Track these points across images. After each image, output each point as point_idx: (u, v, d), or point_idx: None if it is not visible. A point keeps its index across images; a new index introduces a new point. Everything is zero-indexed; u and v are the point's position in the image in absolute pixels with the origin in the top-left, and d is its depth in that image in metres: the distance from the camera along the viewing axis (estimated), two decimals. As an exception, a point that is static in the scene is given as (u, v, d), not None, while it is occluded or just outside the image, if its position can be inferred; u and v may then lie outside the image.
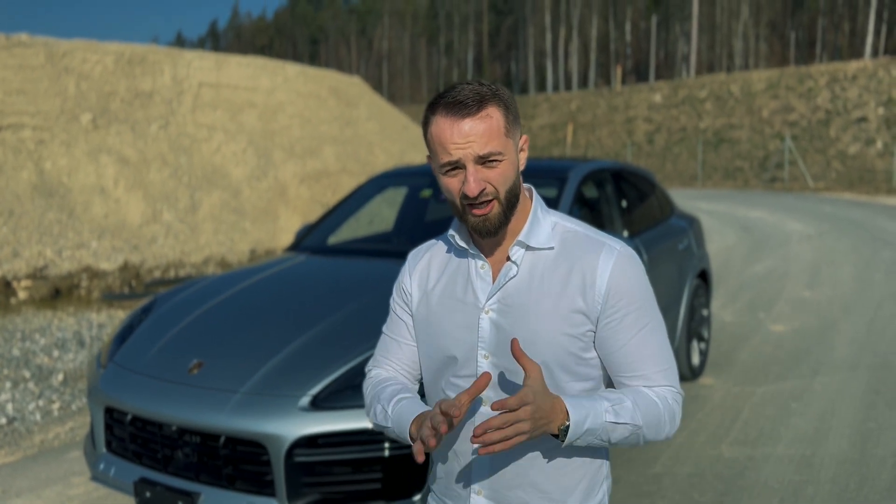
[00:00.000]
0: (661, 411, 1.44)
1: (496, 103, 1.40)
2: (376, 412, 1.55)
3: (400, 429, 1.47)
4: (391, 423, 1.50)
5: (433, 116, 1.41)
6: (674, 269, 4.96)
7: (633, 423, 1.39)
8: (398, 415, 1.48)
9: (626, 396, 1.42)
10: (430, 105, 1.42)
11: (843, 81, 35.79)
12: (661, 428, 1.44)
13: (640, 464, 3.94)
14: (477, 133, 1.36)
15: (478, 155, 1.37)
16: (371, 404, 1.59)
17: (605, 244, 1.47)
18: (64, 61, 13.37)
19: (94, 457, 3.09)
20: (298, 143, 15.39)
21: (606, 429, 1.37)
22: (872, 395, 4.92)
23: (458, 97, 1.38)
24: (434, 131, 1.40)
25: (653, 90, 44.16)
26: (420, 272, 1.61)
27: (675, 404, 1.47)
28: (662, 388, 1.47)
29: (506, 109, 1.41)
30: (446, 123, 1.38)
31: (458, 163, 1.39)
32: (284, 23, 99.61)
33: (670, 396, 1.47)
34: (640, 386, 1.46)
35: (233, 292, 3.50)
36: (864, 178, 29.42)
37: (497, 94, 1.41)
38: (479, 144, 1.37)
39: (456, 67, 77.07)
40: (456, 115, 1.37)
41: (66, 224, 10.44)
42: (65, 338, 6.98)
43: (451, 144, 1.37)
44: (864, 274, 9.32)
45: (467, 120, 1.36)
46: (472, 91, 1.39)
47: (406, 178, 4.95)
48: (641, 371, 1.45)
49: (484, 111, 1.38)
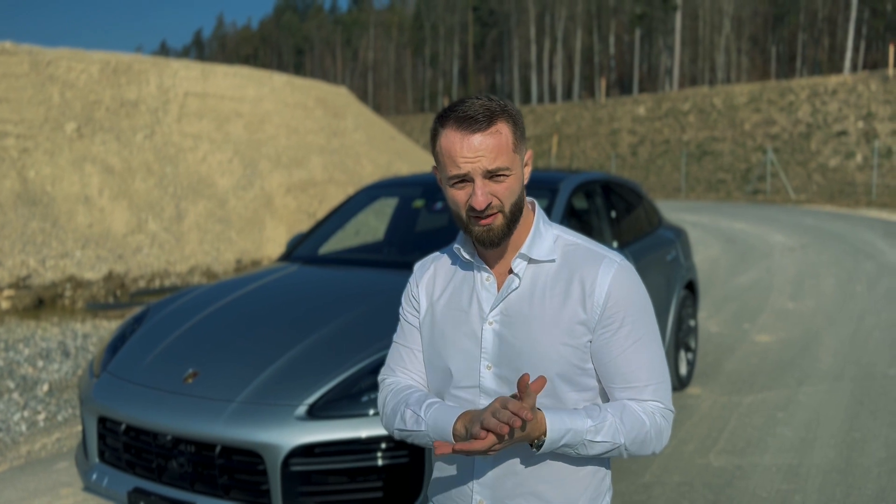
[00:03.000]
0: (648, 428, 1.45)
1: (505, 119, 1.42)
2: (405, 417, 1.51)
3: (438, 430, 1.44)
4: (425, 427, 1.47)
5: (443, 129, 1.43)
6: (662, 279, 5.02)
7: (614, 442, 1.41)
8: (434, 418, 1.46)
9: (611, 414, 1.42)
10: (440, 117, 1.44)
11: (824, 95, 36.30)
12: (646, 444, 1.46)
13: (630, 473, 3.96)
14: (487, 148, 1.39)
15: (486, 170, 1.40)
16: (395, 410, 1.55)
17: (605, 256, 1.50)
18: (48, 69, 13.30)
19: (86, 467, 3.07)
20: (285, 153, 15.37)
21: (585, 445, 1.39)
22: (856, 406, 4.98)
23: (468, 111, 1.40)
24: (444, 144, 1.42)
25: (636, 103, 44.53)
26: (427, 282, 1.63)
27: (662, 421, 1.48)
28: (651, 404, 1.47)
29: (514, 125, 1.44)
30: (456, 137, 1.40)
31: (466, 176, 1.41)
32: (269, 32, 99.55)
33: (658, 413, 1.48)
34: (630, 399, 1.47)
35: (227, 301, 3.50)
36: (844, 191, 29.80)
37: (506, 109, 1.44)
38: (488, 159, 1.39)
39: (441, 79, 77.32)
40: (466, 129, 1.39)
41: (49, 233, 10.36)
42: (49, 348, 6.91)
43: (460, 158, 1.40)
44: (846, 286, 9.45)
45: (478, 135, 1.39)
46: (483, 106, 1.41)
47: (397, 189, 4.97)
48: (633, 384, 1.47)
49: (494, 127, 1.40)
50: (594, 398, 1.51)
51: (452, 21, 76.18)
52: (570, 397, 1.48)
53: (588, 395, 1.50)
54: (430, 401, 1.51)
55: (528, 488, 1.47)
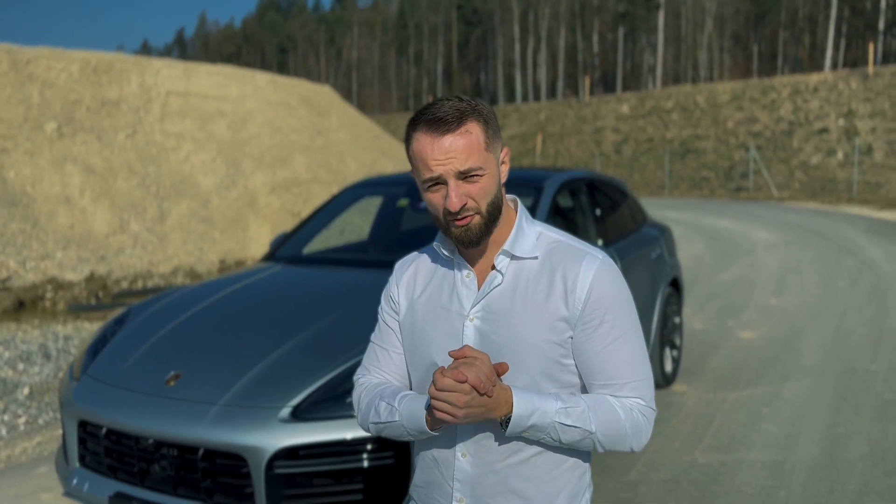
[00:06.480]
0: (623, 422, 1.44)
1: (475, 119, 1.42)
2: (379, 410, 1.52)
3: (412, 419, 1.46)
4: (399, 417, 1.48)
5: (414, 133, 1.43)
6: (647, 277, 5.03)
7: (585, 428, 1.40)
8: (407, 408, 1.47)
9: (583, 401, 1.43)
10: (412, 122, 1.45)
11: (805, 93, 36.61)
12: (622, 439, 1.44)
13: (616, 471, 3.97)
14: (457, 149, 1.39)
15: (458, 171, 1.40)
16: (370, 405, 1.56)
17: (587, 253, 1.50)
18: (28, 68, 13.13)
19: (66, 472, 3.02)
20: (268, 152, 15.28)
21: (556, 428, 1.39)
22: (840, 401, 5.02)
23: (437, 113, 1.40)
24: (416, 148, 1.43)
25: (620, 101, 44.71)
26: (407, 281, 1.63)
27: (641, 417, 1.47)
28: (631, 400, 1.47)
29: (485, 124, 1.44)
30: (427, 140, 1.41)
31: (439, 178, 1.41)
32: (252, 31, 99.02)
33: (637, 409, 1.47)
34: (609, 394, 1.47)
35: (209, 303, 3.46)
36: (826, 188, 30.09)
37: (476, 109, 1.44)
38: (459, 160, 1.39)
39: (426, 77, 77.26)
40: (436, 131, 1.40)
41: (30, 234, 10.23)
42: (30, 350, 6.83)
43: (432, 161, 1.40)
44: (828, 282, 9.52)
45: (447, 136, 1.39)
46: (452, 107, 1.41)
47: (382, 188, 4.95)
48: (614, 380, 1.46)
49: (463, 127, 1.40)
50: (575, 393, 1.51)
51: (436, 20, 76.13)
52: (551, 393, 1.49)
53: (568, 391, 1.51)
54: (405, 393, 1.53)
55: (509, 486, 1.48)
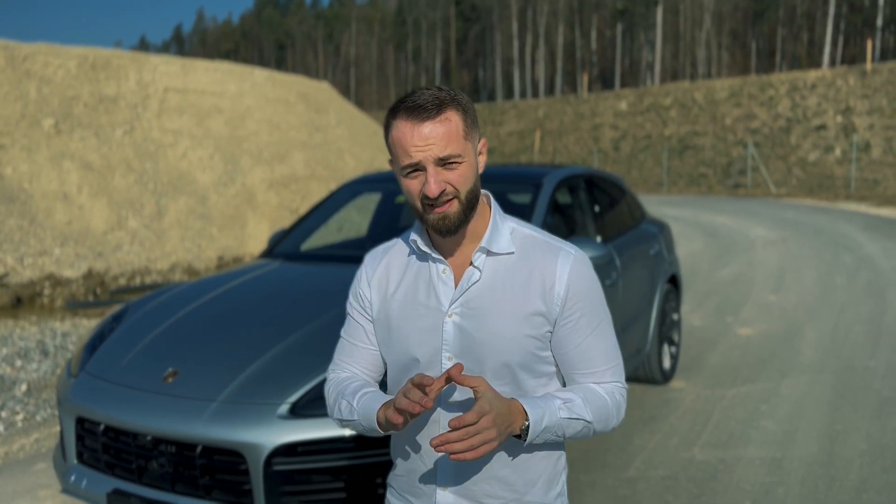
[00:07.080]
0: (609, 406, 1.54)
1: (455, 107, 1.45)
2: (341, 408, 1.57)
3: (367, 419, 1.50)
4: (357, 416, 1.53)
5: (394, 121, 1.46)
6: (645, 274, 5.02)
7: (585, 419, 1.49)
8: (364, 407, 1.52)
9: (577, 394, 1.50)
10: (391, 110, 1.47)
11: (803, 90, 36.61)
12: (608, 421, 1.54)
13: (614, 468, 3.97)
14: (437, 136, 1.41)
15: (438, 157, 1.42)
16: (336, 401, 1.60)
17: (561, 249, 1.55)
18: (25, 65, 13.09)
19: (64, 468, 3.02)
20: (266, 149, 15.25)
21: (562, 425, 1.46)
22: (838, 398, 5.02)
23: (417, 101, 1.43)
24: (395, 135, 1.45)
25: (618, 98, 44.69)
26: (379, 277, 1.64)
27: (620, 399, 1.58)
28: (610, 385, 1.56)
29: (464, 113, 1.47)
30: (407, 127, 1.43)
31: (418, 165, 1.43)
32: (251, 27, 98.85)
33: (617, 392, 1.57)
34: (591, 383, 1.55)
35: (207, 299, 3.45)
36: (823, 185, 30.11)
37: (455, 98, 1.47)
38: (438, 147, 1.41)
39: (424, 74, 77.19)
40: (416, 118, 1.42)
41: (27, 231, 10.21)
42: (27, 347, 6.82)
43: (411, 147, 1.42)
44: (826, 279, 9.53)
45: (427, 123, 1.41)
46: (432, 95, 1.44)
47: (380, 184, 4.93)
48: (594, 368, 1.55)
49: (443, 115, 1.43)
50: (549, 382, 1.57)
51: (435, 16, 76.04)
52: (528, 384, 1.54)
53: (544, 380, 1.56)
54: (365, 390, 1.56)
55: (491, 473, 1.52)
